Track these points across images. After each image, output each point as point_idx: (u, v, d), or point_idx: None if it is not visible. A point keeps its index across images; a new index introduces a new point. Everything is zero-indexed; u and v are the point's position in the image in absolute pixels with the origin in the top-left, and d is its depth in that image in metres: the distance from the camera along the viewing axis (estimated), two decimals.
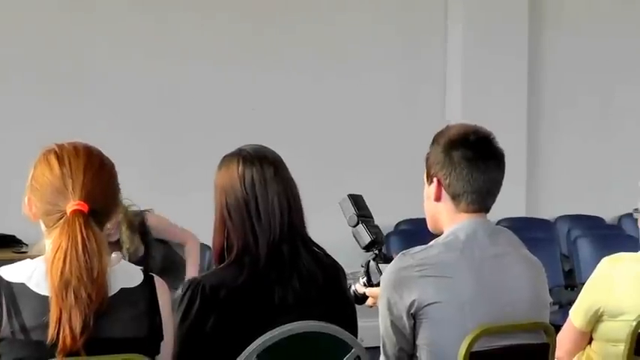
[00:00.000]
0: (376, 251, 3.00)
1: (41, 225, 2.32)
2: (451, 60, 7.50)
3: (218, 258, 2.68)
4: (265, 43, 6.99)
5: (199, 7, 6.84)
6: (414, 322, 2.63)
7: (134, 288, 2.29)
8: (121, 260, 2.39)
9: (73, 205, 2.23)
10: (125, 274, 2.30)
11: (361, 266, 3.02)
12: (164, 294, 2.34)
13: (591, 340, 3.14)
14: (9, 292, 2.19)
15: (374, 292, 2.91)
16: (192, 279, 2.62)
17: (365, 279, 2.99)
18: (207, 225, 2.79)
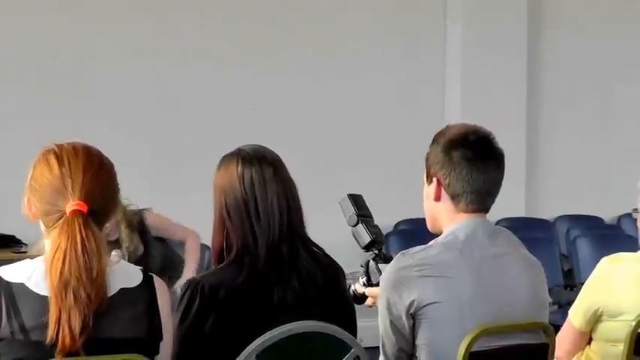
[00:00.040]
0: (376, 251, 3.00)
1: (40, 225, 2.32)
2: (450, 60, 7.49)
3: (217, 258, 2.68)
4: (265, 43, 6.99)
5: (199, 7, 6.84)
6: (413, 322, 2.63)
7: (133, 288, 2.28)
8: (121, 260, 2.40)
9: (72, 205, 2.23)
10: (124, 274, 2.30)
11: (361, 266, 3.02)
12: (163, 294, 2.34)
13: (591, 340, 3.14)
14: (8, 292, 2.19)
15: (373, 291, 2.91)
16: (192, 279, 2.62)
17: (365, 279, 2.99)
18: (207, 225, 2.79)
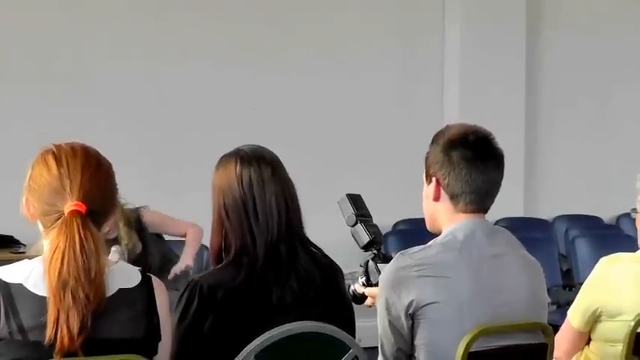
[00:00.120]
0: (375, 251, 3.00)
1: (39, 225, 2.32)
2: (449, 60, 7.50)
3: (216, 258, 2.68)
4: (265, 43, 6.99)
5: (199, 6, 6.84)
6: (412, 322, 2.62)
7: (132, 288, 2.28)
8: (119, 261, 2.39)
9: (70, 206, 2.23)
10: (123, 274, 2.30)
11: (360, 266, 3.02)
12: (162, 294, 2.34)
13: (589, 341, 3.13)
14: (7, 292, 2.19)
15: (373, 291, 2.90)
16: (191, 279, 2.62)
17: (364, 279, 2.99)
18: (206, 225, 2.79)
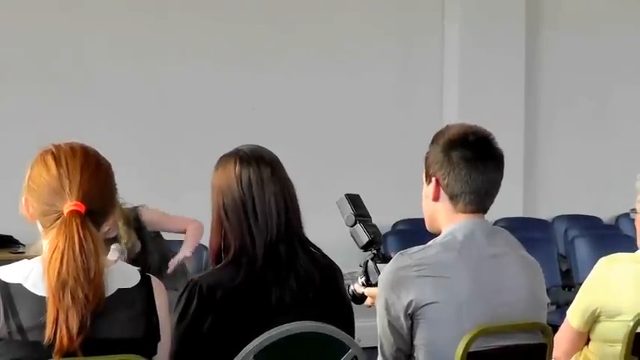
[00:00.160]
0: (374, 251, 2.99)
1: (38, 225, 2.32)
2: (448, 60, 7.49)
3: (215, 258, 2.68)
4: (265, 43, 6.99)
5: (199, 6, 6.84)
6: (411, 322, 2.62)
7: (131, 288, 2.28)
8: (118, 261, 2.39)
9: (70, 206, 2.23)
10: (122, 274, 2.30)
11: (359, 266, 3.02)
12: (161, 294, 2.34)
13: (589, 341, 3.13)
14: (6, 292, 2.19)
15: (372, 292, 2.90)
16: (190, 279, 2.62)
17: (363, 279, 2.99)
18: (206, 225, 2.79)
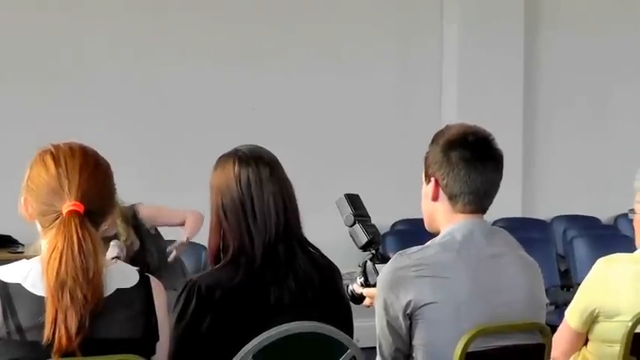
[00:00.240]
0: (373, 251, 2.99)
1: (37, 225, 2.32)
2: (447, 60, 7.50)
3: (214, 258, 2.67)
4: (265, 43, 6.99)
5: (199, 6, 6.84)
6: (410, 322, 2.62)
7: (130, 288, 2.28)
8: (117, 261, 2.39)
9: (68, 206, 2.23)
10: (121, 274, 2.30)
11: (358, 266, 3.02)
12: (160, 294, 2.34)
13: (587, 341, 3.13)
14: (5, 292, 2.19)
15: (371, 292, 2.90)
16: (189, 280, 2.62)
17: (362, 279, 2.98)
18: (206, 225, 2.79)
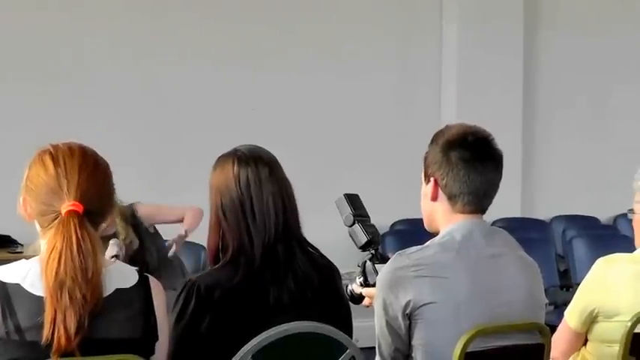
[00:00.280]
0: (372, 251, 2.99)
1: (36, 225, 2.32)
2: (446, 60, 7.50)
3: (213, 259, 2.67)
4: (265, 43, 6.99)
5: (198, 6, 6.84)
6: (409, 322, 2.62)
7: (129, 288, 2.28)
8: (116, 261, 2.39)
9: (67, 206, 2.23)
10: (120, 274, 2.30)
11: (357, 266, 3.02)
12: (159, 294, 2.34)
13: (586, 341, 3.14)
14: (4, 292, 2.19)
15: (370, 292, 2.90)
16: (188, 280, 2.62)
17: (361, 279, 2.98)
18: (205, 224, 2.79)
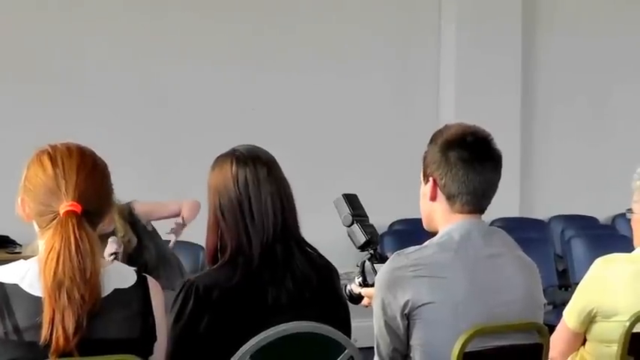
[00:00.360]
0: (371, 251, 2.99)
1: (35, 226, 2.32)
2: (445, 60, 7.50)
3: (211, 259, 2.67)
4: (265, 43, 6.99)
5: (198, 6, 6.84)
6: (407, 322, 2.62)
7: (127, 289, 2.28)
8: (115, 261, 2.39)
9: (66, 206, 2.23)
10: (118, 274, 2.30)
11: (356, 266, 3.02)
12: (157, 294, 2.34)
13: (585, 341, 3.14)
14: (2, 293, 2.19)
15: (369, 292, 2.90)
16: (186, 280, 2.62)
17: (360, 279, 2.98)
18: (204, 224, 2.78)
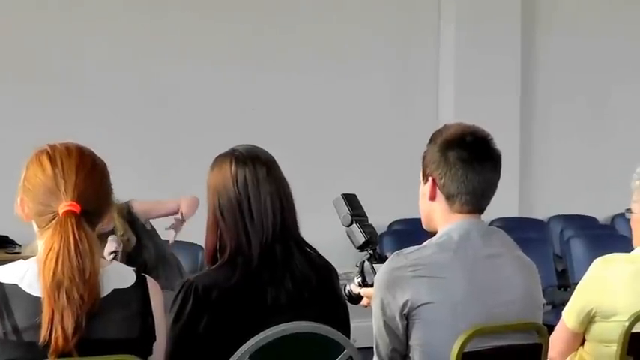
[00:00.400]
0: (370, 251, 2.99)
1: (34, 226, 2.32)
2: (444, 60, 7.51)
3: (210, 259, 2.68)
4: (265, 43, 6.99)
5: (198, 6, 6.84)
6: (407, 322, 2.62)
7: (127, 289, 2.28)
8: (114, 261, 2.39)
9: (65, 206, 2.23)
10: (117, 274, 2.30)
11: (356, 266, 3.02)
12: (157, 294, 2.34)
13: (584, 341, 3.14)
14: (1, 293, 2.19)
15: (368, 292, 2.90)
16: (186, 280, 2.62)
17: (360, 279, 2.99)
18: (203, 224, 2.78)
